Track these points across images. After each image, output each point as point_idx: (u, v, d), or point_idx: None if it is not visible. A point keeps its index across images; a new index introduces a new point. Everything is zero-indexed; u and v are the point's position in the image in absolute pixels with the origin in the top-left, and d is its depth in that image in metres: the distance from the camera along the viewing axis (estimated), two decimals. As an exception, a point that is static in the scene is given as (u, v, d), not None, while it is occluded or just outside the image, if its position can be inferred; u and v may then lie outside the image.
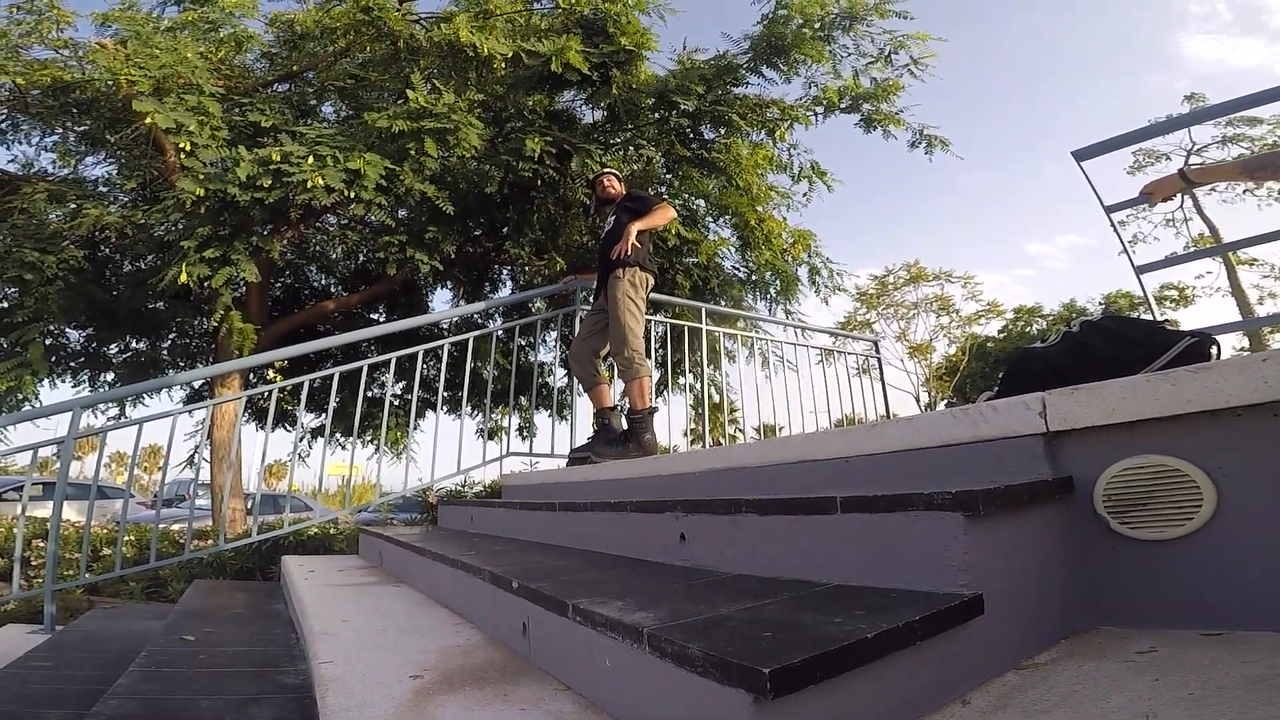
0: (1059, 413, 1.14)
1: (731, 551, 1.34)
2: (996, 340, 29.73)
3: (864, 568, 1.06)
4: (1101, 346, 1.59)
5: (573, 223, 6.89)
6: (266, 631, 2.19)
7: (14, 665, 2.15)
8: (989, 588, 0.91)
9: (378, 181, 4.92)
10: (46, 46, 6.48)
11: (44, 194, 6.33)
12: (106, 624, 2.90)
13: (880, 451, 1.43)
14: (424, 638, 1.51)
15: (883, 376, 5.84)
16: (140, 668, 1.64)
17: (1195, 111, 17.79)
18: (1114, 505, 1.08)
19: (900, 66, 6.44)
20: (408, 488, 4.36)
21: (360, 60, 6.93)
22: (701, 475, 2.01)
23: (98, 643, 2.51)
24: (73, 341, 7.29)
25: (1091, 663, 0.93)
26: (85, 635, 2.67)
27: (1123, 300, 25.29)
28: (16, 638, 2.85)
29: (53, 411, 3.47)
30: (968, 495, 0.92)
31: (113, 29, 6.38)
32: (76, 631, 2.76)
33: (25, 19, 6.35)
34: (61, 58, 6.48)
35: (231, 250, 4.97)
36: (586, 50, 5.62)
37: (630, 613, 0.98)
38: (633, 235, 3.37)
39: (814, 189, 7.49)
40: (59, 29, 6.48)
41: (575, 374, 3.82)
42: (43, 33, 6.38)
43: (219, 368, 4.58)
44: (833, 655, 0.72)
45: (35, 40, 6.37)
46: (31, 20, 6.35)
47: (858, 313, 30.06)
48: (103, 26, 6.51)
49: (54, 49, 6.50)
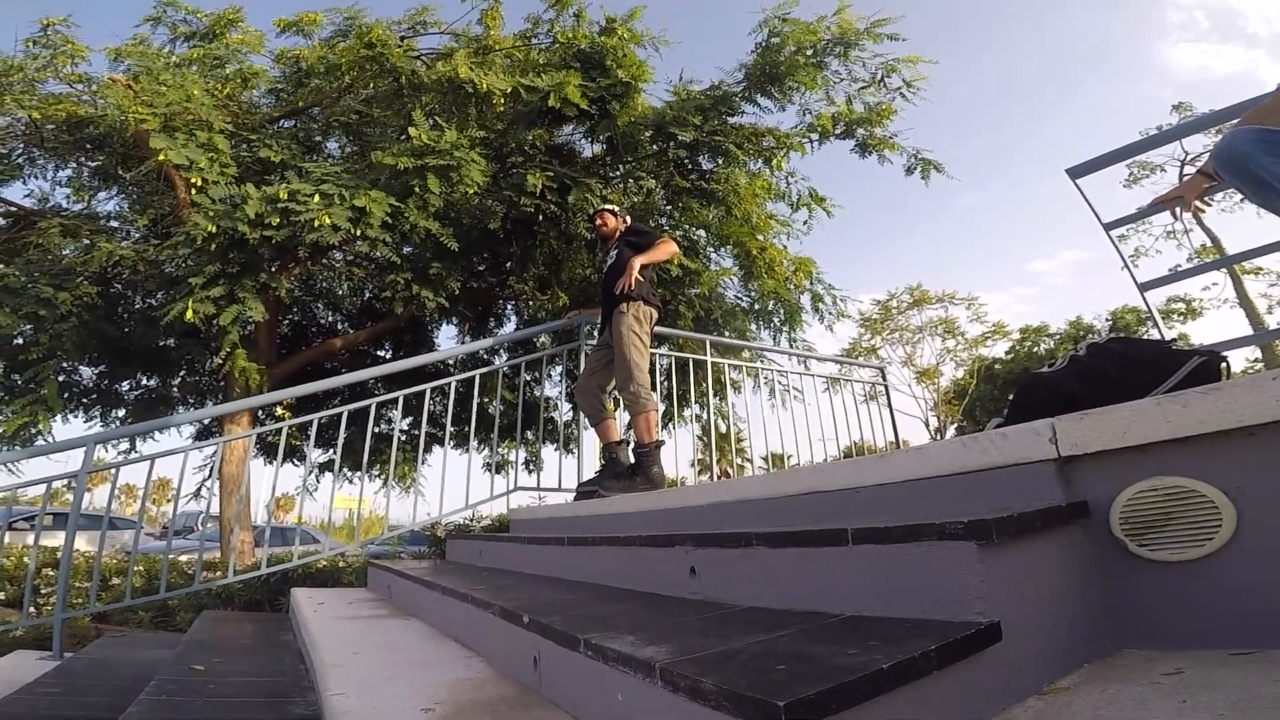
0: (1070, 438, 1.14)
1: (743, 584, 1.33)
2: (1004, 361, 29.58)
3: (877, 598, 1.05)
4: (1109, 370, 1.59)
5: (575, 257, 6.96)
6: (276, 662, 2.17)
7: (22, 691, 2.16)
8: (1007, 614, 0.90)
9: (383, 219, 5.00)
10: (61, 81, 6.69)
11: (58, 229, 6.45)
12: (115, 652, 2.91)
13: (890, 481, 1.43)
14: (434, 671, 1.51)
15: (890, 403, 5.81)
16: (150, 696, 1.63)
17: (1186, 122, 17.91)
18: (1131, 528, 1.07)
19: (893, 90, 6.57)
20: (416, 521, 4.34)
21: (364, 96, 7.10)
22: (710, 508, 2.00)
23: (106, 670, 2.51)
24: (85, 378, 7.38)
25: (1116, 686, 0.91)
26: (94, 662, 2.67)
27: (1129, 316, 25.19)
28: (25, 663, 2.86)
29: (67, 447, 3.55)
30: (980, 524, 0.92)
31: (125, 64, 6.55)
32: (85, 659, 2.76)
33: (41, 53, 6.55)
34: (76, 92, 6.68)
35: (239, 288, 5.04)
36: (584, 84, 5.75)
37: (642, 647, 0.97)
38: (635, 269, 3.41)
39: (813, 216, 7.59)
40: (74, 63, 6.68)
41: (581, 409, 3.82)
42: (58, 67, 6.59)
43: (227, 407, 4.61)
44: (849, 686, 0.71)
45: (50, 74, 6.57)
46: (47, 54, 6.55)
47: (862, 339, 30.06)
48: (115, 62, 6.69)
49: (68, 84, 6.70)
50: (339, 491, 9.68)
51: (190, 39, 7.27)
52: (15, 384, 5.90)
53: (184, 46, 7.25)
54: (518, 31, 7.17)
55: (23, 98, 6.24)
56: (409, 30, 6.99)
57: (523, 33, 7.11)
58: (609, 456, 3.57)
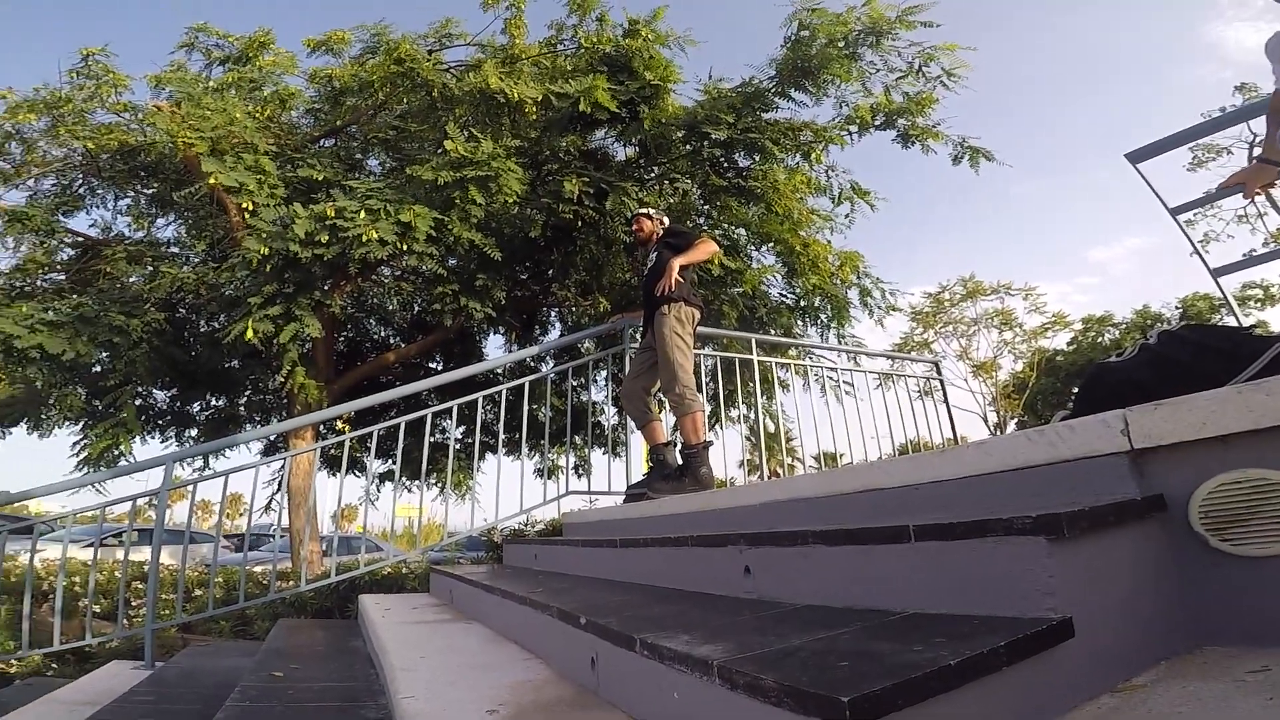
0: (1143, 429, 1.09)
1: (799, 583, 1.32)
2: (1066, 353, 28.35)
3: (941, 596, 1.03)
4: (1183, 357, 1.52)
5: (615, 261, 7.00)
6: (348, 668, 2.26)
7: (120, 699, 2.30)
8: (1078, 610, 0.87)
9: (428, 232, 5.12)
10: (108, 110, 7.07)
11: (124, 256, 6.83)
12: (201, 660, 3.07)
13: (950, 478, 1.39)
14: (496, 673, 1.54)
15: (946, 398, 5.64)
16: (235, 703, 1.72)
17: (1251, 103, 16.87)
18: (1212, 522, 1.02)
19: (933, 79, 6.38)
20: (473, 527, 4.44)
21: (399, 112, 7.28)
22: (762, 507, 1.98)
23: (194, 679, 2.66)
24: (159, 401, 7.79)
25: (1196, 683, 0.87)
26: (182, 672, 2.82)
27: (1201, 304, 23.81)
28: (122, 673, 3.05)
29: (148, 466, 3.78)
30: (1051, 518, 0.89)
31: (167, 91, 6.85)
32: (174, 668, 2.92)
33: (85, 83, 6.93)
34: (124, 121, 7.05)
35: (295, 306, 5.23)
36: (613, 88, 5.77)
37: (698, 645, 0.97)
38: (675, 271, 3.40)
39: (856, 210, 7.42)
40: (117, 93, 7.05)
41: (627, 412, 3.83)
42: (103, 97, 6.97)
43: (291, 423, 4.80)
44: (915, 683, 0.70)
45: (97, 105, 6.95)
46: (91, 85, 6.93)
47: (914, 333, 29.25)
48: (157, 89, 7.00)
49: (115, 113, 7.08)
50: (399, 500, 9.95)
51: (224, 63, 7.54)
52: (97, 409, 6.28)
53: (219, 71, 7.53)
54: (542, 39, 7.26)
55: (76, 129, 6.64)
56: (435, 44, 7.15)
57: (547, 40, 7.20)
58: (657, 458, 3.57)
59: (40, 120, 6.90)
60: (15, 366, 5.27)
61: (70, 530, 3.90)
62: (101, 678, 3.00)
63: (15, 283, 6.88)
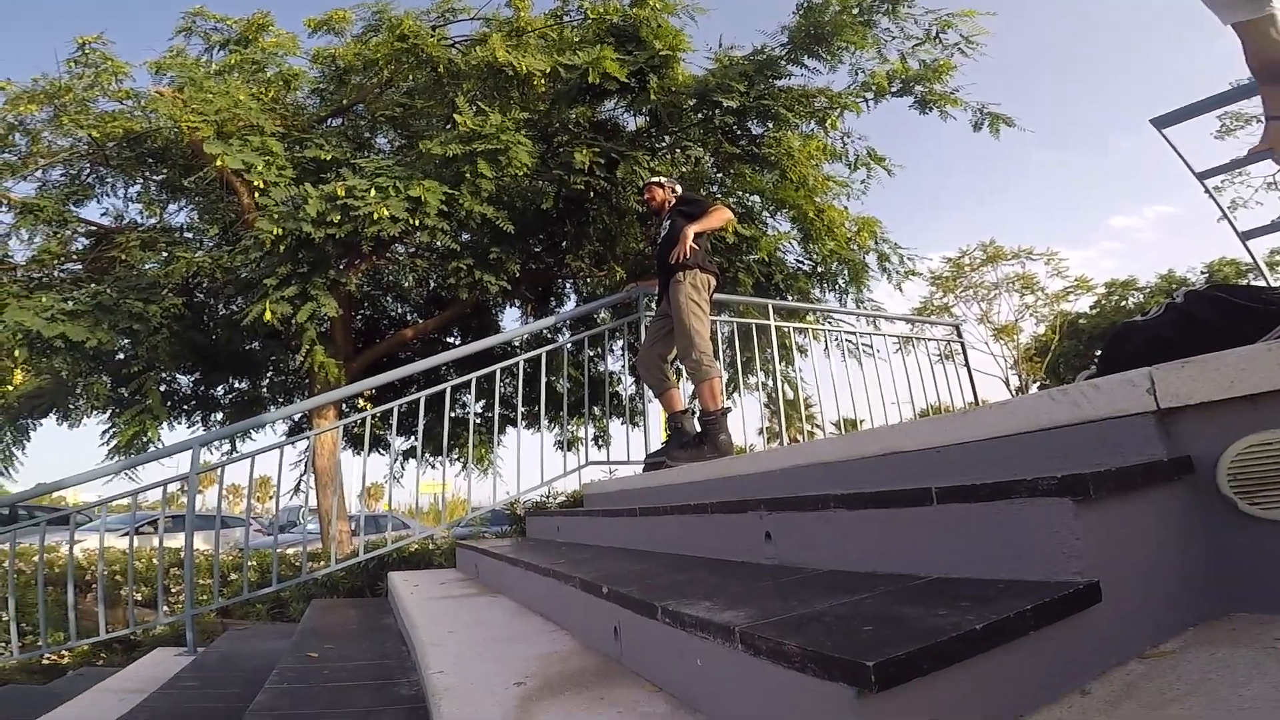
0: (1169, 388, 1.06)
1: (820, 548, 1.32)
2: (1089, 316, 27.81)
3: (965, 559, 1.02)
4: (1211, 316, 1.48)
5: (628, 230, 6.94)
6: (380, 645, 2.33)
7: (167, 686, 2.40)
8: (1105, 574, 0.86)
9: (439, 207, 5.10)
10: (110, 98, 7.02)
11: (137, 243, 6.88)
12: (240, 644, 3.17)
13: (973, 439, 1.37)
14: (523, 645, 1.57)
15: (967, 361, 5.57)
16: (274, 685, 1.78)
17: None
18: (1241, 485, 0.99)
19: (950, 46, 6.19)
20: (496, 501, 4.50)
21: (405, 89, 7.20)
22: (783, 473, 1.98)
23: (234, 662, 2.76)
24: (183, 386, 7.91)
25: (1225, 649, 0.86)
26: (223, 656, 2.93)
27: (1228, 268, 23.16)
28: (166, 660, 3.17)
29: (175, 451, 3.85)
30: (1077, 479, 0.87)
31: (168, 77, 6.82)
32: (215, 653, 3.02)
33: (85, 72, 6.89)
34: (127, 108, 7.01)
35: (311, 286, 5.26)
36: (621, 58, 5.66)
37: (720, 612, 0.98)
38: (689, 239, 3.37)
39: (873, 175, 7.28)
40: (117, 80, 7.00)
41: (645, 380, 3.84)
42: (104, 85, 6.92)
43: (312, 401, 4.87)
44: (940, 647, 0.70)
45: (98, 92, 6.90)
46: (91, 73, 6.88)
47: (934, 297, 28.85)
48: (157, 75, 6.98)
49: (117, 100, 7.03)
50: (423, 477, 10.07)
51: (224, 46, 7.46)
52: (123, 396, 6.40)
53: (220, 54, 7.46)
54: (548, 11, 7.12)
55: (79, 117, 6.62)
56: (439, 19, 7.03)
57: (553, 11, 7.05)
58: (675, 426, 3.58)
59: (42, 111, 6.90)
60: (41, 358, 5.37)
61: (105, 519, 3.99)
62: (147, 665, 3.13)
63: (33, 274, 6.96)
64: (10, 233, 7.01)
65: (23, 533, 4.26)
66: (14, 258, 7.02)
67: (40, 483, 3.81)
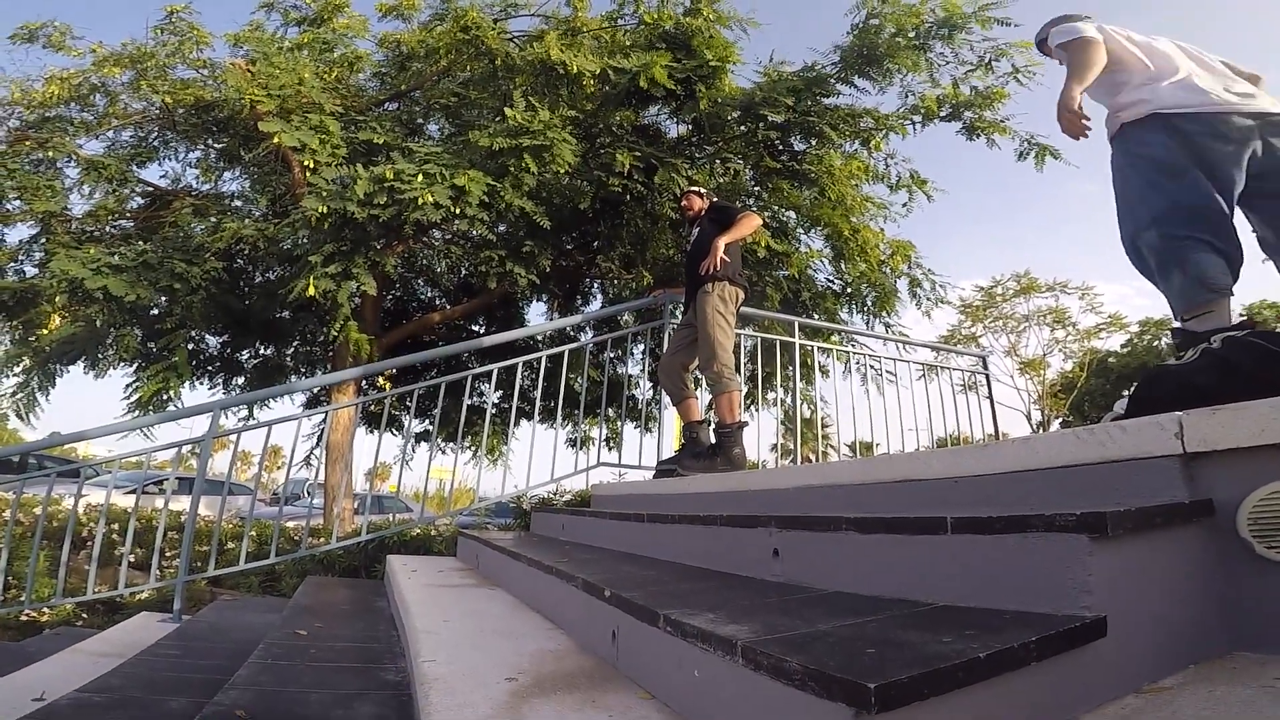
0: (1198, 434, 1.06)
1: (829, 569, 1.31)
2: (1119, 355, 27.29)
3: (974, 589, 1.01)
4: (1247, 364, 1.45)
5: (660, 236, 6.97)
6: (371, 628, 2.31)
7: (146, 652, 2.34)
8: (1113, 610, 0.86)
9: (480, 197, 5.16)
10: (188, 66, 7.27)
11: (190, 208, 7.06)
12: (228, 615, 3.11)
13: (992, 472, 1.36)
14: (518, 641, 1.56)
15: (991, 394, 5.49)
16: (258, 660, 1.76)
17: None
18: (1260, 529, 1.00)
19: (1004, 74, 6.14)
20: (504, 493, 4.51)
21: (462, 79, 7.32)
22: (795, 491, 1.97)
23: (220, 634, 2.69)
24: (211, 347, 8.07)
25: (1224, 688, 0.86)
26: (209, 626, 2.86)
27: (1269, 311, 22.64)
28: (149, 625, 3.09)
29: (195, 412, 3.83)
30: (1095, 516, 0.87)
31: (244, 50, 7.01)
32: (201, 622, 2.96)
33: (169, 40, 7.13)
34: (201, 77, 7.24)
35: (352, 264, 5.35)
36: (671, 66, 5.70)
37: (722, 625, 0.97)
38: (720, 250, 3.37)
39: (914, 199, 7.22)
40: (199, 49, 7.24)
41: (664, 387, 3.84)
42: (185, 53, 7.17)
43: (337, 375, 4.92)
44: (943, 673, 0.69)
45: (179, 60, 7.15)
46: (175, 41, 7.13)
47: (962, 326, 28.46)
48: (235, 47, 7.17)
49: (195, 69, 7.27)
50: (433, 462, 10.16)
51: (300, 24, 7.70)
52: (151, 351, 6.54)
53: (294, 31, 7.68)
54: (605, 13, 7.19)
55: (156, 83, 6.85)
56: (501, 13, 7.15)
57: (609, 14, 7.12)
58: (690, 435, 3.58)
59: (124, 74, 7.15)
60: (79, 306, 5.50)
61: (115, 476, 3.86)
62: (129, 629, 3.04)
63: (86, 227, 7.17)
64: (74, 188, 7.23)
65: (30, 483, 4.19)
66: (71, 210, 7.23)
67: (55, 432, 3.78)
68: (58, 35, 7.27)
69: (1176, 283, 1.74)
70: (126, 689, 1.85)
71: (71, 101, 7.24)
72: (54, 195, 6.64)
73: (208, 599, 4.01)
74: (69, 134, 7.04)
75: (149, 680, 1.96)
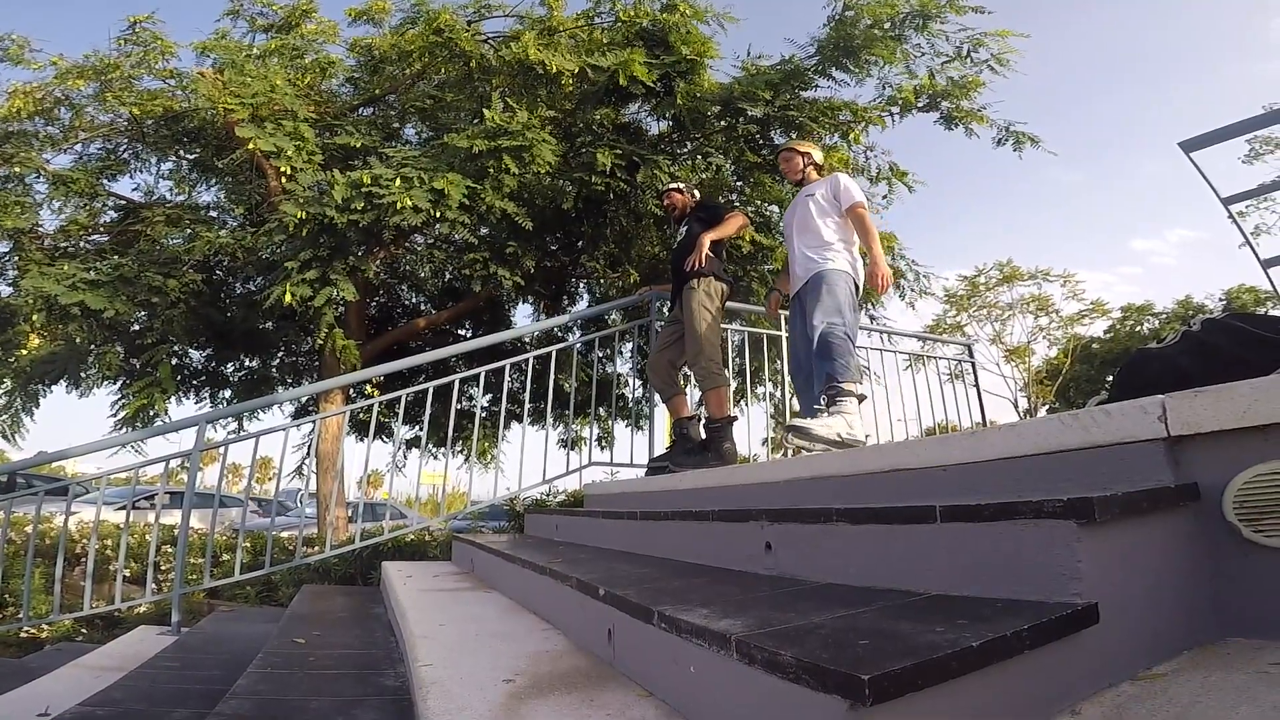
0: (1181, 417, 1.06)
1: (820, 561, 1.32)
2: (1102, 341, 27.65)
3: (965, 578, 1.02)
4: (1227, 346, 1.47)
5: (645, 234, 6.95)
6: (368, 635, 2.31)
7: (146, 665, 2.34)
8: (1104, 597, 0.86)
9: (461, 200, 5.13)
10: (155, 77, 7.11)
11: (163, 219, 6.95)
12: (226, 626, 3.12)
13: (980, 460, 1.37)
14: (514, 643, 1.56)
15: (977, 382, 5.53)
16: (257, 669, 1.76)
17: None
18: (1246, 513, 1.00)
19: (980, 63, 6.17)
20: (496, 496, 4.49)
21: (437, 82, 7.26)
22: (786, 484, 1.97)
23: (218, 644, 2.69)
24: (195, 361, 7.96)
25: (1218, 674, 0.86)
26: (207, 637, 2.87)
27: (1247, 296, 23.00)
28: (148, 639, 3.09)
29: (182, 426, 3.82)
30: (1082, 503, 0.88)
31: (211, 58, 6.89)
32: (199, 634, 2.97)
33: (133, 50, 6.99)
34: (169, 88, 7.11)
35: (331, 271, 5.29)
36: (649, 62, 5.68)
37: (716, 620, 0.97)
38: (705, 247, 3.38)
39: (894, 191, 7.25)
40: (164, 59, 7.10)
41: (653, 385, 3.84)
42: (150, 63, 7.01)
43: (323, 384, 4.89)
44: (936, 663, 0.69)
45: (144, 71, 7.00)
46: (139, 52, 6.97)
47: (947, 315, 28.68)
48: (202, 56, 7.04)
49: (161, 79, 7.12)
50: (424, 468, 10.08)
51: (268, 31, 7.57)
52: (134, 367, 6.45)
53: (262, 38, 7.55)
54: (581, 11, 7.16)
55: (122, 95, 6.70)
56: (474, 14, 7.09)
57: (585, 12, 7.09)
58: (680, 432, 3.58)
59: (89, 86, 7.00)
60: (58, 324, 5.40)
61: (104, 492, 3.92)
62: (128, 643, 3.06)
63: (59, 244, 7.04)
64: (43, 203, 7.09)
65: (18, 502, 4.14)
66: (44, 226, 7.09)
67: (41, 451, 3.78)
68: (15, 48, 7.09)
69: None
70: (129, 702, 1.86)
71: (36, 115, 7.09)
72: (23, 211, 6.50)
73: (205, 611, 4.01)
74: (34, 148, 6.90)
75: (150, 693, 1.96)
